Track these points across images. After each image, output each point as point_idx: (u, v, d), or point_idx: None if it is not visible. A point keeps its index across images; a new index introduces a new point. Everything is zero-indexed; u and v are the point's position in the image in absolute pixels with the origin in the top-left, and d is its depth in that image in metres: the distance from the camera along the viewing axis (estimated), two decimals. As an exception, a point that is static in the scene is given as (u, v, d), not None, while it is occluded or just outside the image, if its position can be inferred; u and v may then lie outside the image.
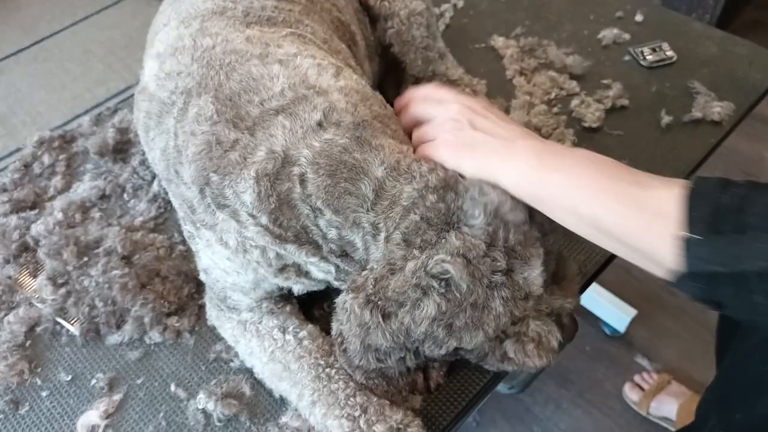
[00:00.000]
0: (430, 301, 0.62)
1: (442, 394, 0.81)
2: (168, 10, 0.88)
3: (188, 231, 0.81)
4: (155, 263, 0.94)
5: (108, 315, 0.89)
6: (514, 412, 1.64)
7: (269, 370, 0.79)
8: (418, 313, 0.63)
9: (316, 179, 0.65)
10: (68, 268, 0.94)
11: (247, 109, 0.69)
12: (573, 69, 1.20)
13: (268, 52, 0.73)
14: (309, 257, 0.71)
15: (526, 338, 0.67)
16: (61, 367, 0.87)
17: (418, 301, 0.63)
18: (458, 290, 0.62)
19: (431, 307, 0.62)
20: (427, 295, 0.62)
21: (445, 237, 0.63)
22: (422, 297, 0.62)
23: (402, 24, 1.02)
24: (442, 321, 0.63)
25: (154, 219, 1.03)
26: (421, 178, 0.66)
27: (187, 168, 0.71)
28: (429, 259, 0.62)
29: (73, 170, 1.12)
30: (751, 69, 1.20)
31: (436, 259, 0.62)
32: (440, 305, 0.62)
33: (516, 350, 0.68)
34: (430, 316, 0.62)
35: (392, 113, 0.77)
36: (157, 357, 0.87)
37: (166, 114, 0.75)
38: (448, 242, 0.62)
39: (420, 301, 0.62)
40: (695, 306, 1.77)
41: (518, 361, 0.69)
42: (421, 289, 0.62)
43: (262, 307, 0.83)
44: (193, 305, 0.91)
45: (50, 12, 2.22)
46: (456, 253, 0.62)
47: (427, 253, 0.63)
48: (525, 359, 0.68)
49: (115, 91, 1.89)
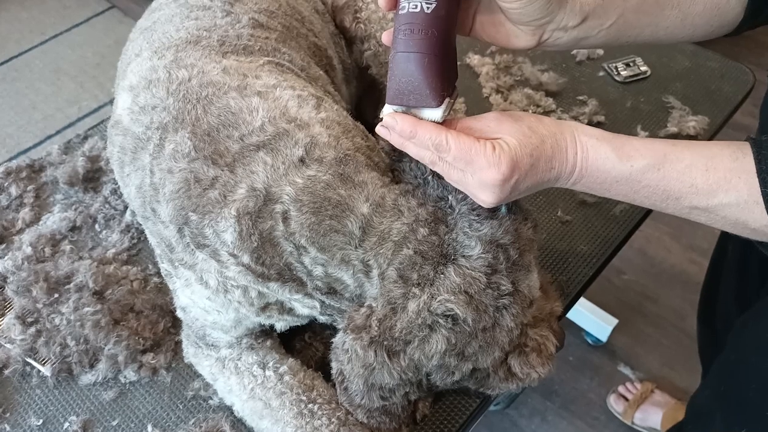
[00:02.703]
0: (439, 336, 0.62)
1: (429, 424, 0.80)
2: (139, 39, 0.85)
3: (165, 269, 0.79)
4: (129, 297, 0.91)
5: (80, 354, 0.86)
6: (500, 426, 1.63)
7: (249, 407, 0.77)
8: (428, 348, 0.63)
9: (300, 217, 0.64)
10: (38, 305, 0.91)
11: (227, 144, 0.67)
12: (548, 86, 1.20)
13: (246, 84, 0.71)
14: (293, 294, 0.69)
15: (527, 348, 0.68)
16: (32, 411, 0.84)
17: (426, 338, 0.63)
18: (465, 323, 0.62)
19: (441, 342, 0.62)
20: (434, 331, 0.62)
21: (443, 272, 0.62)
22: (430, 333, 0.62)
23: (379, 45, 1.02)
24: (453, 351, 0.63)
25: (128, 250, 1.00)
26: (410, 212, 0.65)
27: (164, 207, 0.69)
28: (431, 299, 0.62)
29: (42, 201, 1.09)
30: (723, 82, 1.21)
31: (439, 300, 0.61)
32: (449, 338, 0.62)
33: (521, 363, 0.68)
34: (441, 350, 0.63)
35: (374, 144, 0.76)
36: (133, 396, 0.84)
37: (141, 150, 0.72)
38: (447, 279, 0.62)
39: (428, 338, 0.62)
40: (674, 313, 1.79)
41: (523, 374, 0.69)
42: (428, 327, 0.62)
43: (242, 343, 0.81)
44: (169, 340, 0.88)
45: (18, 30, 2.18)
46: (457, 290, 0.61)
47: (428, 291, 0.62)
48: (529, 371, 0.69)
49: (88, 110, 1.85)
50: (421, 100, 0.58)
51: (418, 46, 0.57)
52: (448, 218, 0.65)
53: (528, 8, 0.59)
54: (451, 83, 0.60)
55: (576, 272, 0.94)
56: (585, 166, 0.60)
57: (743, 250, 0.98)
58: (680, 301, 1.81)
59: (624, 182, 0.60)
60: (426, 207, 0.65)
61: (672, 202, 0.60)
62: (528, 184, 0.60)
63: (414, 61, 0.57)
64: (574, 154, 0.60)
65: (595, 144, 0.60)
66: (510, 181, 0.58)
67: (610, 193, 0.62)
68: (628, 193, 0.61)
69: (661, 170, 0.59)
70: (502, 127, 0.60)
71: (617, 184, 0.61)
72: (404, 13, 0.57)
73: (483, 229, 0.63)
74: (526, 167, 0.58)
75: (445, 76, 0.58)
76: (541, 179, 0.60)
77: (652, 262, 1.90)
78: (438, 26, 0.56)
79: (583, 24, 0.63)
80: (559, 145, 0.60)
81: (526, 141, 0.58)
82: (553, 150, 0.60)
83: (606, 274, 1.94)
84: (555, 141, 0.60)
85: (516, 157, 0.57)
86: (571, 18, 0.62)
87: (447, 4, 0.57)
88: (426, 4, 0.56)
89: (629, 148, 0.59)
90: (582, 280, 0.94)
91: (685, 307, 1.79)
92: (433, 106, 0.59)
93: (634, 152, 0.59)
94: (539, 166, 0.59)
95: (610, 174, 0.60)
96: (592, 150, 0.60)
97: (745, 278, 0.99)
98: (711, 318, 1.15)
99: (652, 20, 0.67)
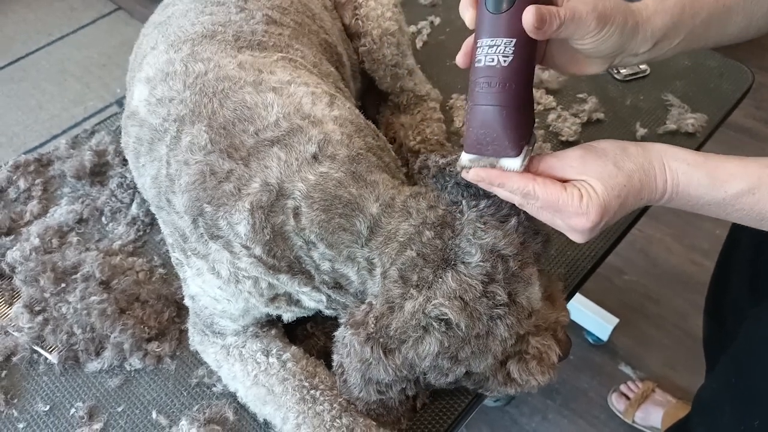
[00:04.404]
0: (432, 339, 0.63)
1: (428, 413, 0.81)
2: (154, 33, 0.86)
3: (177, 258, 0.80)
4: (135, 288, 0.92)
5: (87, 342, 0.88)
6: (500, 423, 1.64)
7: (253, 394, 0.79)
8: (421, 349, 0.63)
9: (310, 213, 0.65)
10: (45, 294, 0.92)
11: (242, 138, 0.68)
12: (549, 84, 1.22)
13: (262, 79, 0.73)
14: (301, 287, 0.70)
15: (528, 356, 0.68)
16: (39, 397, 0.85)
17: (420, 339, 0.63)
18: (458, 329, 0.63)
19: (434, 345, 0.63)
20: (428, 333, 0.63)
21: (441, 276, 0.63)
22: (424, 335, 0.63)
23: (374, 43, 1.03)
24: (446, 354, 0.64)
25: (133, 242, 1.01)
26: (418, 214, 0.66)
27: (179, 197, 0.70)
28: (427, 302, 0.63)
29: (49, 194, 1.11)
30: (722, 80, 1.22)
31: (434, 303, 0.62)
32: (442, 342, 0.63)
33: (520, 369, 0.68)
34: (433, 352, 0.63)
35: (384, 144, 0.77)
36: (138, 384, 0.86)
37: (158, 141, 0.73)
38: (444, 283, 0.63)
39: (422, 339, 0.63)
40: (676, 313, 1.79)
41: (522, 380, 0.69)
42: (422, 328, 0.63)
43: (248, 332, 0.82)
44: (174, 329, 0.90)
45: (25, 32, 2.20)
46: (453, 296, 0.62)
47: (425, 294, 0.63)
48: (528, 378, 0.69)
49: (93, 110, 1.87)
50: (500, 150, 0.59)
51: (496, 99, 0.57)
52: (456, 223, 0.65)
53: (602, 46, 0.59)
54: (529, 131, 0.60)
55: (575, 266, 0.95)
56: (676, 191, 0.59)
57: (758, 241, 0.97)
58: (681, 301, 1.81)
59: (716, 206, 0.59)
60: (436, 210, 0.66)
61: (767, 223, 0.60)
62: (617, 218, 0.61)
63: (492, 113, 0.57)
64: (664, 181, 0.59)
65: (687, 170, 0.59)
66: (599, 225, 0.59)
67: (698, 212, 0.62)
68: (719, 214, 0.60)
69: (756, 194, 0.57)
70: (586, 167, 0.59)
71: (709, 207, 0.60)
72: (481, 67, 0.57)
73: (486, 238, 0.64)
74: (615, 208, 0.59)
75: (522, 125, 0.59)
76: (629, 210, 0.61)
77: (654, 263, 1.91)
78: (515, 79, 0.57)
79: (653, 48, 0.63)
80: (647, 176, 0.59)
81: (612, 183, 0.58)
82: (641, 183, 0.59)
83: (607, 274, 1.96)
84: (643, 173, 0.59)
85: (604, 203, 0.57)
86: (643, 45, 0.62)
87: (524, 56, 0.56)
88: (503, 58, 0.56)
89: (723, 173, 0.58)
90: (580, 273, 0.95)
91: (687, 307, 1.79)
92: (512, 156, 0.59)
93: (728, 176, 0.58)
94: (628, 203, 0.59)
95: (702, 199, 0.59)
96: (683, 176, 0.59)
97: (759, 270, 0.99)
98: (719, 311, 1.14)
99: (719, 30, 0.66)
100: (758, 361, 0.83)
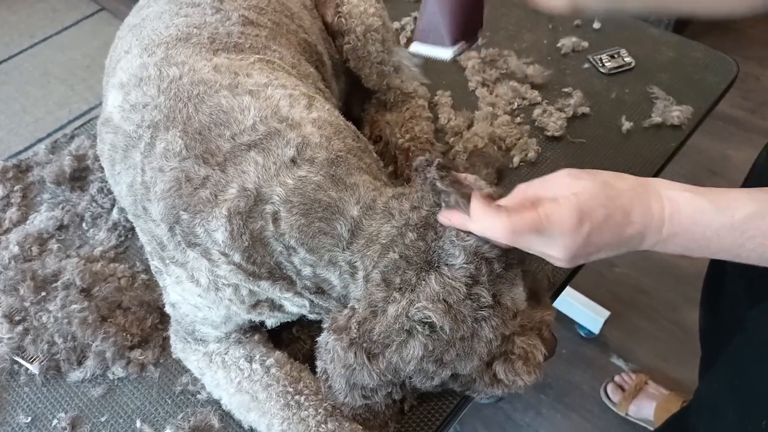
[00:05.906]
0: (416, 343, 0.62)
1: (416, 415, 0.80)
2: (128, 37, 0.84)
3: (156, 266, 0.79)
4: (116, 294, 0.91)
5: (68, 351, 0.86)
6: (494, 420, 1.64)
7: (237, 401, 0.78)
8: (405, 353, 0.63)
9: (290, 218, 0.64)
10: (25, 304, 0.91)
11: (218, 143, 0.67)
12: (534, 78, 1.21)
13: (238, 82, 0.71)
14: (283, 293, 0.69)
15: (513, 356, 0.67)
16: (20, 409, 0.84)
17: (403, 343, 0.63)
18: (442, 331, 0.62)
19: (418, 348, 0.62)
20: (412, 336, 0.62)
21: (425, 279, 0.62)
22: (408, 338, 0.62)
23: (358, 40, 1.02)
24: (431, 358, 0.63)
25: (115, 248, 1.00)
26: (400, 215, 0.65)
27: (155, 205, 0.69)
28: (410, 305, 0.62)
29: (29, 201, 1.09)
30: (707, 72, 1.22)
31: (417, 306, 0.61)
32: (426, 345, 0.62)
33: (506, 370, 0.68)
34: (418, 356, 0.62)
35: (366, 145, 0.76)
36: (121, 392, 0.84)
37: (132, 148, 0.72)
38: (428, 286, 0.62)
39: (406, 343, 0.62)
40: (667, 305, 1.80)
41: (508, 381, 0.68)
42: (406, 332, 0.62)
43: (230, 338, 0.81)
44: (157, 336, 0.89)
45: (7, 34, 2.17)
46: (436, 298, 0.61)
47: (408, 297, 0.62)
48: (515, 378, 0.68)
49: (78, 113, 1.85)
50: (437, 39, 0.66)
51: None
52: (438, 225, 0.64)
53: None
54: (469, 31, 0.67)
55: (562, 262, 0.94)
56: (678, 221, 0.56)
57: None
58: (672, 293, 1.81)
59: (726, 234, 0.55)
60: (419, 211, 0.65)
61: None
62: (606, 239, 0.56)
63: (436, 5, 0.65)
64: (660, 208, 0.56)
65: (689, 198, 0.56)
66: (581, 231, 0.54)
67: (710, 249, 0.57)
68: (732, 247, 0.56)
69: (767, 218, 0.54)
70: (578, 182, 0.57)
71: (718, 237, 0.55)
72: None
73: (469, 240, 0.62)
74: (599, 218, 0.55)
75: (461, 20, 0.65)
76: (621, 233, 0.56)
77: (645, 255, 1.89)
78: None
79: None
80: (639, 198, 0.56)
81: (598, 191, 0.55)
82: (632, 202, 0.56)
83: (598, 267, 1.96)
84: (635, 194, 0.56)
85: (582, 206, 0.54)
86: None
87: None
88: None
89: (727, 199, 0.55)
90: (568, 270, 0.94)
91: (678, 299, 1.79)
92: (447, 45, 0.66)
93: (733, 202, 0.55)
94: (615, 218, 0.56)
95: (710, 227, 0.55)
96: (685, 204, 0.56)
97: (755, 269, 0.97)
98: (717, 306, 1.12)
99: None
100: (760, 364, 0.83)
